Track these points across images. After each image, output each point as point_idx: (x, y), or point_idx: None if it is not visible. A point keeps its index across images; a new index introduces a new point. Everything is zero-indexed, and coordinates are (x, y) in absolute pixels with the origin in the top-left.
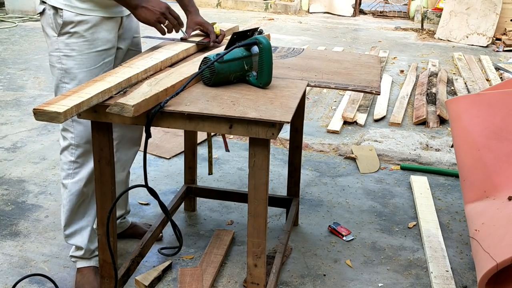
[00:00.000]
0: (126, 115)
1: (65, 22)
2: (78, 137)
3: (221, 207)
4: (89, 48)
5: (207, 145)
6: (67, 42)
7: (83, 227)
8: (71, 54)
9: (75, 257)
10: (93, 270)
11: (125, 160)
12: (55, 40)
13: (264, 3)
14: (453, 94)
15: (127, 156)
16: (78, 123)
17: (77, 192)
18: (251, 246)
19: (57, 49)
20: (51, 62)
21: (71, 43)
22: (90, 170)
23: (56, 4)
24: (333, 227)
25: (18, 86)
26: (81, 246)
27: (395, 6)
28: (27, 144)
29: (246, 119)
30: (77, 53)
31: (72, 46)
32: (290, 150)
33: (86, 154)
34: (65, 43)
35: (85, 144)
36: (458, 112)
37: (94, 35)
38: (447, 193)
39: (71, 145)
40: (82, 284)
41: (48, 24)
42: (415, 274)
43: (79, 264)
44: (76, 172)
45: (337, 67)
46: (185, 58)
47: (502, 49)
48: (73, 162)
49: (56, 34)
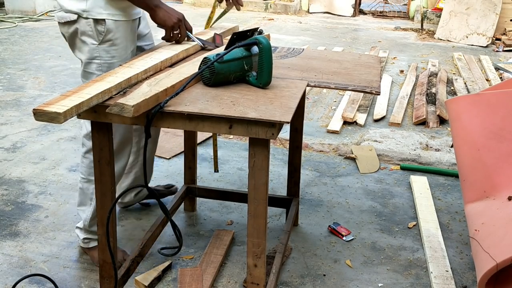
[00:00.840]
0: (126, 115)
1: (108, 30)
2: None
3: (221, 207)
4: (126, 52)
5: (213, 143)
6: (108, 50)
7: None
8: (112, 60)
9: (88, 238)
10: None
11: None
12: (95, 48)
13: (264, 3)
14: (453, 94)
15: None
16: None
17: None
18: (251, 246)
19: (97, 57)
20: (87, 69)
21: (111, 50)
22: (118, 167)
23: (97, 16)
24: (333, 227)
25: (18, 86)
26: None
27: (395, 6)
28: (27, 144)
29: (246, 119)
30: (117, 59)
31: (113, 53)
32: (290, 150)
33: (116, 151)
34: (106, 51)
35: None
36: (458, 112)
37: (127, 39)
38: (447, 193)
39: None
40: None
41: (85, 30)
42: (415, 274)
43: (92, 244)
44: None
45: (337, 67)
46: (185, 58)
47: (502, 49)
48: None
49: (97, 42)
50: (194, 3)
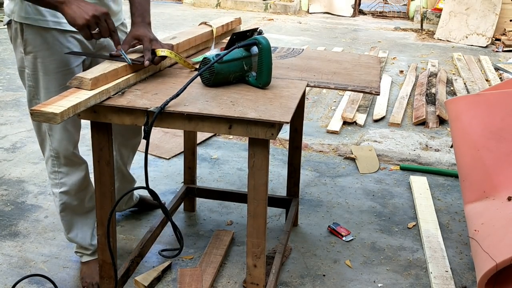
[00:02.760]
0: (84, 88)
1: (27, 41)
2: (55, 149)
3: (221, 207)
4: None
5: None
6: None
7: (84, 229)
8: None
9: (80, 253)
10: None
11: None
12: (22, 58)
13: (264, 3)
14: (452, 95)
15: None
16: (51, 135)
17: (68, 200)
18: (251, 247)
19: (25, 66)
20: (22, 77)
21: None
22: (78, 178)
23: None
24: (333, 227)
25: (17, 87)
26: (85, 245)
27: (394, 7)
28: (26, 145)
29: (246, 119)
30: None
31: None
32: (290, 151)
33: (69, 163)
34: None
35: (65, 153)
36: (457, 112)
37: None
38: (447, 193)
39: (51, 156)
40: (89, 274)
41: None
42: (414, 275)
43: (84, 258)
44: (62, 182)
45: (337, 68)
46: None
47: (501, 50)
48: (57, 172)
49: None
50: (194, 3)
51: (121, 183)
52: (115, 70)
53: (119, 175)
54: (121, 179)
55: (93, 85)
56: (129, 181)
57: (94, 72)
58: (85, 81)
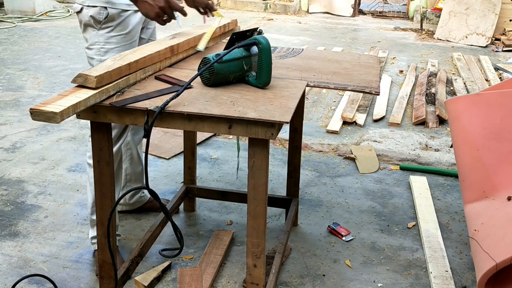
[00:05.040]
0: (89, 86)
1: (108, 18)
2: None
3: (221, 207)
4: (125, 40)
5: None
6: (107, 36)
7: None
8: (110, 46)
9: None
10: None
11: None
12: (95, 34)
13: (264, 3)
14: (452, 94)
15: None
16: None
17: None
18: (251, 246)
19: (96, 42)
20: (89, 55)
21: (111, 37)
22: (114, 150)
23: (97, 3)
24: (333, 227)
25: (17, 87)
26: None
27: (394, 6)
28: (26, 145)
29: (246, 119)
30: (115, 45)
31: (111, 40)
32: (290, 150)
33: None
34: (105, 37)
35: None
36: (457, 112)
37: (128, 28)
38: (447, 193)
39: None
40: None
41: (87, 20)
42: (414, 274)
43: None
44: None
45: (337, 67)
46: (184, 59)
47: (501, 49)
48: None
49: (96, 29)
50: None
51: (130, 165)
52: (118, 68)
53: (129, 158)
54: (131, 161)
55: (98, 83)
56: (139, 163)
57: (98, 70)
58: (90, 79)
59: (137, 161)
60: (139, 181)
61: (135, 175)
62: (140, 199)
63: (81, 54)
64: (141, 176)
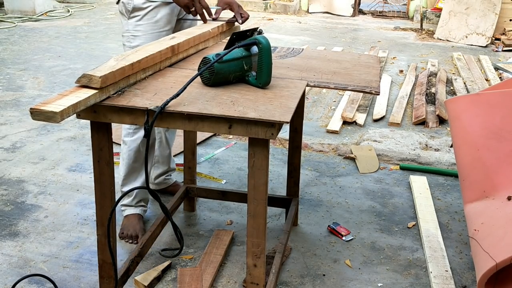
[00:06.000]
0: (94, 86)
1: (134, 8)
2: None
3: (221, 207)
4: (153, 29)
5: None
6: (135, 24)
7: (137, 181)
8: (138, 34)
9: (125, 205)
10: (137, 216)
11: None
12: (126, 23)
13: (264, 3)
14: (452, 94)
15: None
16: None
17: (135, 149)
18: (251, 246)
19: (127, 30)
20: (123, 42)
21: (138, 25)
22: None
23: None
24: (333, 227)
25: (17, 86)
26: (132, 194)
27: (394, 6)
28: (26, 144)
29: (246, 119)
30: (143, 33)
31: (139, 28)
32: (290, 150)
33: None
34: (133, 25)
35: None
36: (457, 112)
37: (156, 18)
38: (447, 193)
39: None
40: (127, 226)
41: (121, 9)
42: (414, 274)
43: (127, 212)
44: (135, 131)
45: (337, 67)
46: (185, 58)
47: (501, 49)
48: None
49: (127, 18)
50: None
51: (159, 148)
52: (122, 68)
53: (159, 141)
54: (160, 144)
55: (102, 83)
56: (167, 147)
57: (102, 70)
58: (95, 79)
59: (165, 145)
60: (166, 164)
61: (162, 157)
62: (165, 181)
63: (81, 54)
64: (168, 159)
